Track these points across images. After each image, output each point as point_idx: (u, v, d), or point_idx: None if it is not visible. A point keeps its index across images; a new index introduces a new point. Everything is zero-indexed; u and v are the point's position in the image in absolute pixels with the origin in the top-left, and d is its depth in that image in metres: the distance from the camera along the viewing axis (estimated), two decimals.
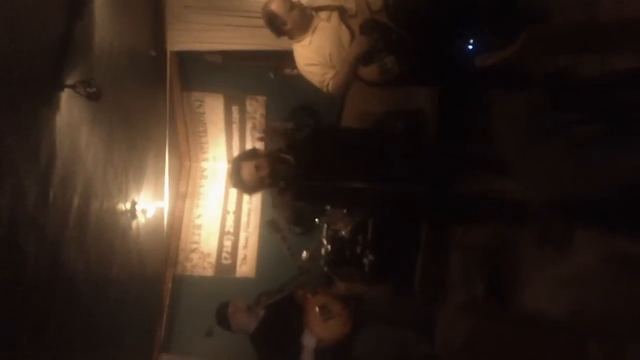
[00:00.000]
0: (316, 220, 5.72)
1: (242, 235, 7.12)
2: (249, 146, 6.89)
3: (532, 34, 2.95)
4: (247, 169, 3.84)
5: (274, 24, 4.25)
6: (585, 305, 2.93)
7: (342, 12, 4.20)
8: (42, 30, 2.75)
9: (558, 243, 3.57)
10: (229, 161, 6.90)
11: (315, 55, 4.24)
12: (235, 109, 6.89)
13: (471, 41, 3.87)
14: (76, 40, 3.11)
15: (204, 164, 7.26)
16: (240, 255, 7.05)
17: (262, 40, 4.86)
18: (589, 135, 2.99)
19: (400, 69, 4.13)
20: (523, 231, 4.14)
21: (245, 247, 7.07)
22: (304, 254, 5.80)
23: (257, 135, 6.59)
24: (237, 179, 3.92)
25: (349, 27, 4.16)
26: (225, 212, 7.17)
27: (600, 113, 3.07)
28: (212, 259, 6.98)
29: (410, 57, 4.09)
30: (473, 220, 4.71)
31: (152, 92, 5.53)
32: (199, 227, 7.09)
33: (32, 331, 2.84)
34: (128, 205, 4.44)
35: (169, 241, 6.60)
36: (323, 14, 4.25)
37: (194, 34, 5.44)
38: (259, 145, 6.63)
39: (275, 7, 4.19)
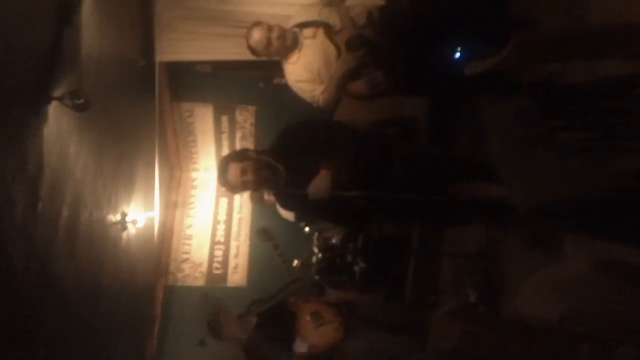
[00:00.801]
0: (306, 228, 5.73)
1: (233, 244, 7.10)
2: None
3: (520, 41, 2.96)
4: (233, 170, 3.86)
5: (257, 56, 4.34)
6: (576, 309, 2.93)
7: (327, 29, 4.22)
8: (30, 41, 2.75)
9: (548, 248, 3.58)
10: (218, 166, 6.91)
11: (303, 72, 4.28)
12: (224, 119, 6.89)
13: (459, 49, 3.89)
14: (64, 51, 3.10)
15: (194, 174, 7.25)
16: (231, 265, 7.04)
17: None
18: (577, 141, 2.99)
19: (388, 83, 4.16)
20: (513, 237, 4.16)
21: (236, 256, 7.06)
22: (295, 262, 5.81)
23: None
24: (223, 178, 3.94)
25: (335, 43, 4.20)
26: (216, 221, 7.16)
27: (588, 119, 3.09)
28: (204, 268, 6.97)
29: (397, 70, 4.11)
30: (463, 227, 4.72)
31: (141, 102, 5.52)
32: (190, 237, 7.08)
33: (22, 342, 2.83)
34: (118, 216, 4.42)
35: (160, 251, 6.58)
36: (308, 31, 4.29)
37: (184, 44, 5.44)
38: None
39: (253, 43, 4.29)
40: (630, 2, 3.30)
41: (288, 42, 4.26)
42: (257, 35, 4.26)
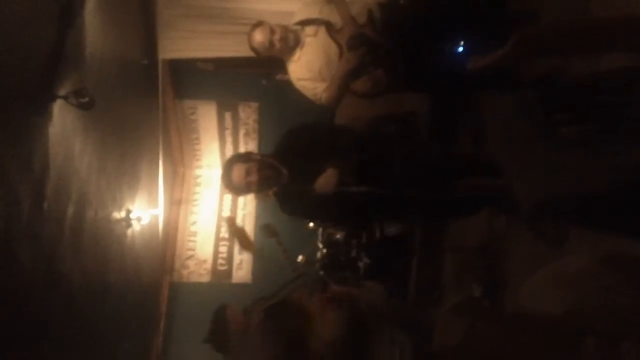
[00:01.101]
0: (310, 224, 5.74)
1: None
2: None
3: (522, 35, 2.96)
4: (237, 172, 3.88)
5: (259, 55, 4.37)
6: (580, 304, 2.94)
7: (329, 27, 4.23)
8: (34, 41, 2.76)
9: (551, 242, 3.58)
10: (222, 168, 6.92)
11: (305, 70, 4.30)
12: (228, 116, 6.91)
13: (461, 44, 3.89)
14: (68, 50, 3.11)
15: (197, 171, 7.27)
16: (236, 261, 7.06)
17: None
18: (579, 135, 3.00)
19: (389, 81, 4.17)
20: (516, 231, 4.16)
21: (241, 252, 7.07)
22: (300, 257, 5.82)
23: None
24: (227, 180, 3.96)
25: (336, 41, 4.20)
26: (220, 218, 7.18)
27: (590, 113, 3.09)
28: (209, 265, 6.99)
29: (398, 68, 4.12)
30: (466, 222, 4.73)
31: (144, 100, 5.54)
32: (195, 233, 7.10)
33: (29, 340, 2.85)
34: (123, 213, 4.44)
35: (165, 248, 6.60)
36: (310, 30, 4.29)
37: (186, 42, 5.45)
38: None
39: (255, 45, 4.34)
40: None
41: (290, 42, 4.27)
42: (259, 37, 4.28)
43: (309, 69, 4.29)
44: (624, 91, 3.04)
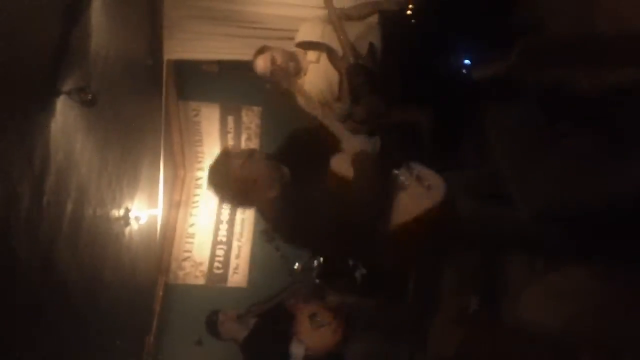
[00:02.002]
0: None
1: (235, 244, 7.10)
2: None
3: (527, 46, 2.97)
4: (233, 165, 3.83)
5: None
6: (577, 318, 2.93)
7: (330, 53, 4.24)
8: (39, 37, 2.76)
9: (551, 255, 3.57)
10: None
11: (310, 94, 4.32)
12: (230, 119, 6.91)
13: (466, 55, 3.89)
14: (73, 48, 3.12)
15: (198, 174, 7.25)
16: (232, 265, 7.04)
17: None
18: (582, 146, 2.99)
19: (387, 108, 4.19)
20: (516, 243, 4.15)
21: (237, 256, 7.06)
22: (297, 265, 5.80)
23: None
24: (217, 176, 3.67)
25: (337, 68, 4.22)
26: (218, 221, 7.16)
27: (593, 125, 3.08)
28: (204, 267, 6.97)
29: (397, 95, 4.13)
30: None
31: (148, 100, 5.54)
32: (192, 235, 7.08)
33: (24, 333, 2.84)
34: (121, 212, 4.44)
35: (162, 249, 6.59)
36: (312, 55, 4.32)
37: (191, 44, 5.45)
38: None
39: (257, 71, 4.38)
40: (638, 8, 3.30)
41: (291, 72, 4.32)
42: (260, 65, 4.34)
43: (313, 93, 4.33)
44: (627, 104, 3.05)
